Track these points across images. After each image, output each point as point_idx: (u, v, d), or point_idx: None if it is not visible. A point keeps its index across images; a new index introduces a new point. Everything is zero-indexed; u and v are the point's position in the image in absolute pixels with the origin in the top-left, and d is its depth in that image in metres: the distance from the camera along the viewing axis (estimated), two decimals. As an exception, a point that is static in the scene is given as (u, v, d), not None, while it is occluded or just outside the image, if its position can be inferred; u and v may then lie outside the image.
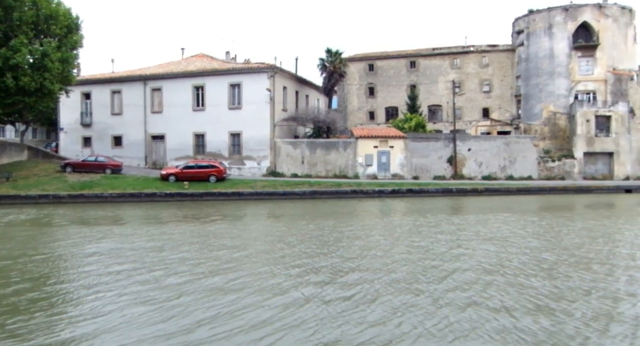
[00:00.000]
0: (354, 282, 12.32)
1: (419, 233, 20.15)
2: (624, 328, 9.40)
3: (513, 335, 8.97)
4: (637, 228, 22.33)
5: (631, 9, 53.76)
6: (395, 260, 14.90)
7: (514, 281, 12.48)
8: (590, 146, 48.68)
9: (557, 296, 11.24)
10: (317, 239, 18.53)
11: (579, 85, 52.32)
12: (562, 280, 12.70)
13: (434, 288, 11.85)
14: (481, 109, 58.84)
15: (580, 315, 10.02)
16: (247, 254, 15.93)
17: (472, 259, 15.02)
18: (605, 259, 15.15)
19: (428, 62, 60.48)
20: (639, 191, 42.58)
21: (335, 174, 44.35)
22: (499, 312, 10.15)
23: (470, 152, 46.93)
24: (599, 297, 11.25)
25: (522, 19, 56.40)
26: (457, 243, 17.77)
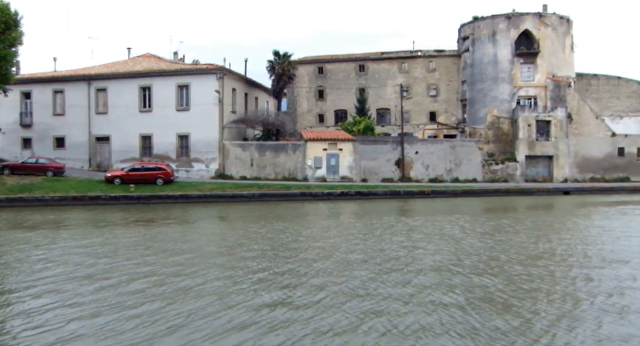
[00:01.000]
0: (318, 286, 12.21)
1: (373, 235, 20.34)
2: (584, 325, 9.75)
3: (483, 334, 9.15)
4: (576, 227, 23.31)
5: (569, 19, 56.05)
6: (354, 263, 14.99)
7: (476, 280, 12.78)
8: (531, 150, 50.41)
9: (516, 292, 11.59)
10: (273, 242, 18.44)
11: (521, 91, 54.10)
12: (516, 276, 13.10)
13: (398, 291, 11.90)
14: (428, 113, 60.04)
15: (542, 311, 10.35)
16: (203, 259, 15.66)
17: (431, 259, 15.33)
18: (555, 256, 15.74)
19: (377, 66, 61.27)
20: (577, 193, 44.35)
21: (285, 177, 44.32)
22: (465, 311, 10.37)
23: (418, 155, 47.80)
24: (555, 291, 11.67)
25: (467, 25, 57.89)
26: (413, 244, 18.06)
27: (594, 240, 19.52)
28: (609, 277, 13.30)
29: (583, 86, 57.80)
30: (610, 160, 52.52)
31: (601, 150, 52.57)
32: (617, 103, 58.32)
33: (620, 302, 11.10)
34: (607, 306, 10.83)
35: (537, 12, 54.79)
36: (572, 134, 51.55)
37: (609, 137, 52.92)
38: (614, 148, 52.80)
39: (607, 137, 52.87)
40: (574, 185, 47.34)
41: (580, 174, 51.63)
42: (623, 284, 12.60)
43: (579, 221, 26.39)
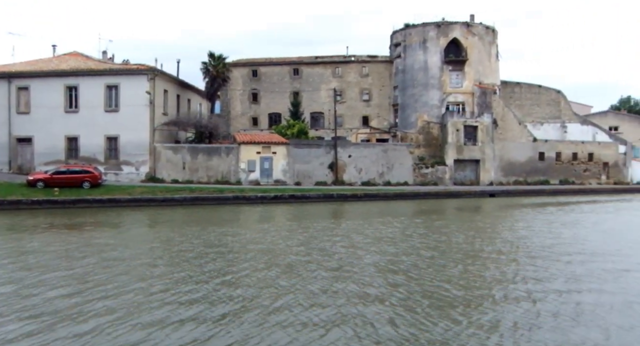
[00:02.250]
0: (261, 292, 12.09)
1: (310, 238, 20.41)
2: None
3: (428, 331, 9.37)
4: (502, 227, 24.35)
5: (494, 29, 58.50)
6: (294, 265, 14.99)
7: (416, 277, 13.06)
8: (459, 154, 52.15)
9: (454, 290, 11.93)
10: (208, 247, 18.12)
11: (450, 97, 55.92)
12: (452, 272, 13.49)
13: (342, 294, 11.98)
14: (361, 117, 60.99)
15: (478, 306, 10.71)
16: (137, 266, 15.18)
17: (371, 260, 15.56)
18: (491, 253, 16.33)
19: (311, 70, 61.65)
20: (502, 195, 46.23)
21: (218, 180, 43.79)
22: (411, 310, 10.57)
23: (351, 158, 48.43)
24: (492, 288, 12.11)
25: (399, 32, 59.30)
26: (352, 245, 18.26)
27: (519, 237, 20.49)
28: (530, 270, 13.99)
29: (507, 93, 60.41)
30: (532, 164, 55.14)
31: (524, 155, 55.10)
32: (538, 110, 61.33)
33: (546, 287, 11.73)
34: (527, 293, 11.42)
35: (465, 21, 56.88)
36: (498, 139, 53.73)
37: (530, 142, 55.54)
38: (535, 153, 55.48)
39: (529, 142, 55.47)
40: (499, 188, 49.37)
41: (505, 177, 53.88)
42: (540, 274, 13.29)
43: (504, 221, 27.58)
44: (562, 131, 60.71)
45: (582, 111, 73.14)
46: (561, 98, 62.46)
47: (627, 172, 60.00)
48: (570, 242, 19.84)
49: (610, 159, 58.51)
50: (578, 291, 12.38)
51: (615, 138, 61.44)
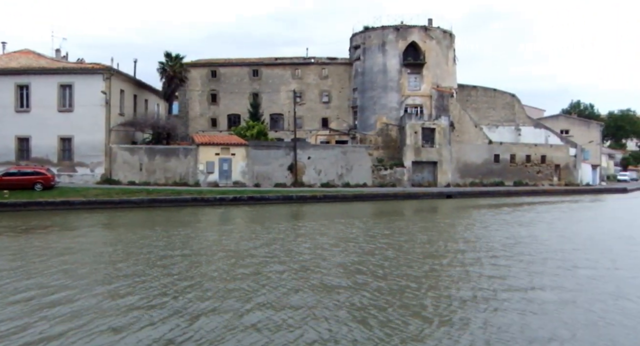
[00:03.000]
0: (229, 294, 11.92)
1: (272, 238, 20.31)
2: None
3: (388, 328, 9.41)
4: (462, 228, 24.81)
5: (451, 33, 59.57)
6: (260, 267, 14.86)
7: (380, 276, 13.14)
8: (417, 156, 52.86)
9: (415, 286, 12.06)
10: (171, 250, 17.82)
11: (408, 100, 56.63)
12: (419, 272, 13.63)
13: (312, 295, 11.93)
14: (321, 119, 61.15)
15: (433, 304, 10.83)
16: (98, 269, 14.81)
17: (337, 261, 15.58)
18: (455, 253, 16.59)
19: (270, 71, 61.47)
20: (458, 196, 47.06)
21: (176, 182, 43.21)
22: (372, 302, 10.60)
23: (310, 160, 48.51)
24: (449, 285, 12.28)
25: (359, 35, 59.73)
26: (317, 246, 18.25)
27: (479, 237, 20.91)
28: (489, 266, 14.30)
29: (464, 97, 61.55)
30: (487, 165, 56.38)
31: (480, 157, 56.29)
32: (494, 113, 62.72)
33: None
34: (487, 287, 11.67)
35: (423, 25, 57.72)
36: (454, 141, 54.70)
37: (486, 144, 56.79)
38: (490, 155, 56.75)
39: (485, 145, 56.70)
40: (456, 189, 50.25)
41: (462, 179, 54.90)
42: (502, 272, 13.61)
43: (463, 222, 28.13)
44: (516, 134, 62.26)
45: (535, 115, 75.26)
46: (515, 102, 64.03)
47: (577, 174, 62.00)
48: (529, 242, 20.44)
49: (562, 161, 60.34)
50: (541, 288, 12.70)
51: (566, 141, 63.39)
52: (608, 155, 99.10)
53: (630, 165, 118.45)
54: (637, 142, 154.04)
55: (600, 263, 16.04)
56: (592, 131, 76.63)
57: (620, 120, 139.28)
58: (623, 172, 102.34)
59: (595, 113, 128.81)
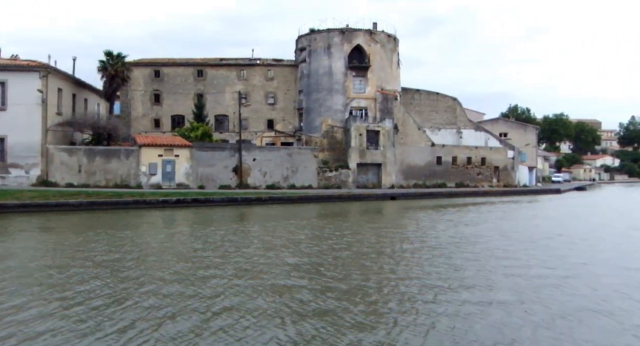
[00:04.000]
0: (184, 301, 11.64)
1: (218, 241, 20.04)
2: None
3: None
4: (410, 228, 25.26)
5: (395, 38, 60.66)
6: (210, 270, 14.61)
7: (332, 276, 13.16)
8: (362, 158, 53.49)
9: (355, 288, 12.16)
10: (112, 254, 17.29)
11: (353, 102, 57.25)
12: (374, 273, 13.74)
13: (267, 298, 11.79)
14: (266, 120, 61.00)
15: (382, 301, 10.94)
16: (33, 276, 14.18)
17: (289, 263, 15.49)
18: (409, 253, 16.82)
19: (215, 72, 60.85)
20: (402, 198, 47.86)
21: (117, 184, 42.10)
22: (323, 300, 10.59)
23: (255, 161, 48.29)
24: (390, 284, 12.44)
25: (304, 37, 59.94)
26: (266, 248, 18.12)
27: (427, 237, 21.34)
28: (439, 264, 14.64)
29: (408, 100, 62.75)
30: (430, 167, 57.67)
31: (423, 159, 57.52)
32: (436, 116, 64.22)
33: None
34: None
35: (368, 29, 58.52)
36: (398, 144, 55.67)
37: (429, 146, 58.08)
38: (433, 157, 58.09)
39: (427, 147, 57.98)
40: (399, 191, 51.11)
41: (405, 180, 55.93)
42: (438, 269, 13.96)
43: (410, 222, 28.70)
44: (457, 136, 63.93)
45: (476, 118, 77.49)
46: (457, 105, 65.76)
47: (515, 175, 64.27)
48: (475, 241, 21.03)
49: (501, 163, 62.42)
50: (492, 286, 13.01)
51: (504, 143, 65.59)
52: (543, 157, 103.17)
53: (564, 167, 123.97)
54: (569, 144, 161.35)
55: (539, 260, 16.67)
56: (529, 134, 79.57)
57: (554, 124, 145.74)
58: (557, 173, 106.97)
59: (532, 117, 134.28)
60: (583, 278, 13.95)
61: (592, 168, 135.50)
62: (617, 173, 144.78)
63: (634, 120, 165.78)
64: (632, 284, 13.36)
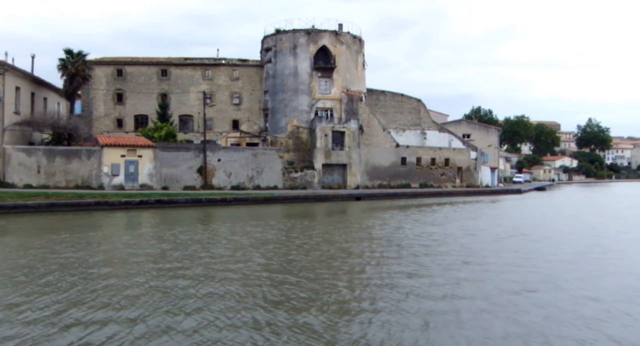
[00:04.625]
0: (153, 304, 11.45)
1: (184, 242, 19.81)
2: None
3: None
4: (377, 228, 25.46)
5: (361, 39, 61.05)
6: (176, 271, 14.43)
7: (298, 277, 13.14)
8: (327, 158, 53.67)
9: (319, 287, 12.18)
10: (67, 260, 16.91)
11: (318, 103, 57.38)
12: (342, 273, 13.77)
13: (235, 299, 11.69)
14: (231, 121, 60.61)
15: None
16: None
17: (257, 263, 15.40)
18: (361, 252, 16.92)
19: (180, 72, 60.17)
20: (367, 198, 48.21)
21: (78, 185, 41.25)
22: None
23: (220, 162, 47.96)
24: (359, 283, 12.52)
25: (270, 37, 59.78)
26: (234, 249, 18.00)
27: (394, 237, 21.56)
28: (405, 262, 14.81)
29: (373, 101, 63.25)
30: (395, 168, 58.24)
31: (387, 160, 58.05)
32: (401, 117, 64.91)
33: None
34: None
35: (334, 30, 58.73)
36: (364, 144, 56.06)
37: (394, 147, 58.65)
38: (398, 158, 58.69)
39: (392, 148, 58.54)
40: (364, 192, 51.46)
41: (370, 181, 56.35)
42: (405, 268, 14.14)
43: (377, 223, 28.92)
44: (422, 137, 64.74)
45: (440, 119, 78.53)
46: (421, 106, 66.58)
47: (478, 176, 65.43)
48: (443, 239, 21.44)
49: (464, 164, 63.46)
50: (457, 283, 13.28)
51: (467, 145, 66.70)
52: (505, 158, 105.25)
53: (525, 168, 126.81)
54: (530, 146, 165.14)
55: (505, 257, 17.05)
56: (491, 135, 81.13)
57: (515, 126, 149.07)
58: (518, 174, 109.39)
59: (494, 119, 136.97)
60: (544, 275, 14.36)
61: (551, 169, 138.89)
62: (575, 174, 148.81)
63: (591, 122, 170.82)
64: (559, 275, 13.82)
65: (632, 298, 12.07)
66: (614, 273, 15.03)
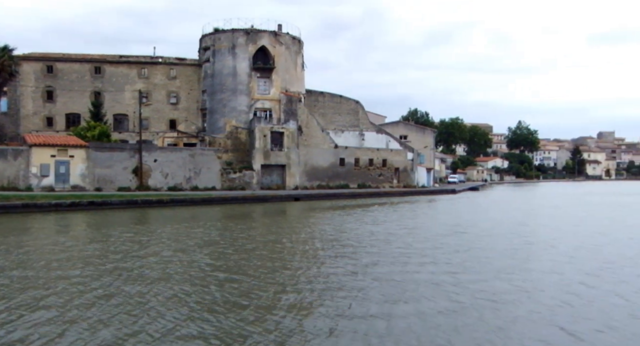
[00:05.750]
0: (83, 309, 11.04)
1: (120, 245, 19.28)
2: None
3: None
4: (317, 229, 25.59)
5: (300, 40, 61.27)
6: (116, 274, 13.99)
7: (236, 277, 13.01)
8: (266, 159, 53.56)
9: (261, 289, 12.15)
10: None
11: (257, 103, 57.18)
12: (285, 273, 13.73)
13: (180, 303, 11.46)
14: (168, 121, 59.45)
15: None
16: None
17: (198, 265, 15.13)
18: (303, 253, 16.97)
19: (114, 69, 58.47)
20: (306, 199, 48.42)
21: (4, 186, 39.40)
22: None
23: (157, 163, 47.00)
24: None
25: (208, 36, 59.05)
26: (174, 250, 17.63)
27: (334, 237, 21.78)
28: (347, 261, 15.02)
29: (312, 102, 63.61)
30: (333, 169, 58.79)
31: (326, 160, 58.53)
32: (340, 118, 65.60)
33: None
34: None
35: (273, 30, 58.66)
36: (302, 145, 56.30)
37: (332, 148, 59.20)
38: (336, 159, 59.28)
39: (331, 149, 59.07)
40: (303, 192, 51.67)
41: (309, 182, 56.64)
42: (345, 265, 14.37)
43: (316, 223, 29.14)
44: (360, 138, 65.64)
45: (378, 120, 79.91)
46: (360, 108, 67.50)
47: (414, 176, 67.01)
48: (388, 238, 21.89)
49: (401, 165, 64.82)
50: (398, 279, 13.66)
51: (404, 146, 68.16)
52: (440, 159, 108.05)
53: (459, 169, 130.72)
54: (464, 147, 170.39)
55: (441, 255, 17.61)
56: (427, 137, 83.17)
57: (450, 128, 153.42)
58: (453, 174, 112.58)
59: (430, 121, 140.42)
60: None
61: (484, 170, 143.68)
62: (507, 174, 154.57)
63: (520, 125, 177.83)
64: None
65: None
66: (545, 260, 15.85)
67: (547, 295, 12.44)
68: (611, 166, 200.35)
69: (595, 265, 16.31)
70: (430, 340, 9.22)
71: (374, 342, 9.09)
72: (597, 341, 9.27)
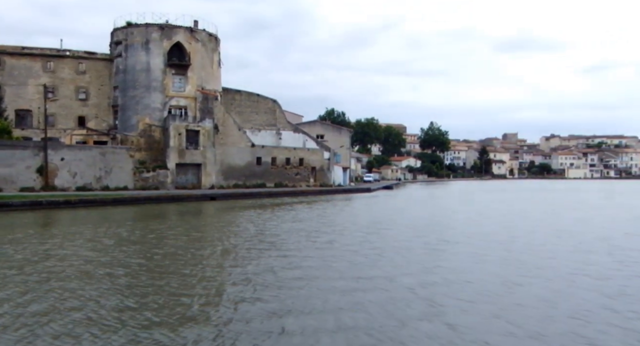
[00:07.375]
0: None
1: (16, 252, 18.16)
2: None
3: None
4: (234, 228, 25.27)
5: (217, 37, 60.39)
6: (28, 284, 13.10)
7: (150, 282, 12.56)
8: (181, 158, 52.45)
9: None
10: None
11: (172, 101, 55.78)
12: (211, 275, 13.39)
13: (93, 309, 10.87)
14: (77, 117, 56.72)
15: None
16: None
17: (91, 270, 14.47)
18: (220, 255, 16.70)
19: (16, 62, 55.02)
20: (222, 198, 47.84)
21: None
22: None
23: (64, 161, 44.82)
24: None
25: (120, 30, 56.89)
26: (80, 254, 16.79)
27: (253, 236, 21.65)
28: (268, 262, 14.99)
29: (228, 100, 62.91)
30: (250, 168, 58.51)
31: (243, 159, 58.16)
32: (257, 117, 65.33)
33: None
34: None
35: (189, 26, 57.40)
36: (219, 144, 55.59)
37: (249, 147, 58.89)
38: (253, 158, 59.05)
39: (248, 148, 58.74)
40: (220, 192, 51.05)
41: (226, 181, 56.04)
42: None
43: (233, 222, 28.90)
44: (277, 138, 65.69)
45: (295, 120, 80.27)
46: (277, 107, 67.52)
47: (331, 175, 67.94)
48: (307, 236, 22.25)
49: (317, 164, 65.49)
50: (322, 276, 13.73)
51: (321, 145, 68.93)
52: (356, 158, 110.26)
53: (374, 168, 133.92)
54: (379, 147, 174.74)
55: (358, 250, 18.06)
56: (343, 136, 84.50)
57: (366, 128, 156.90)
58: (368, 173, 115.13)
59: (347, 121, 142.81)
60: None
61: (398, 169, 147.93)
62: (419, 173, 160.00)
63: (432, 125, 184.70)
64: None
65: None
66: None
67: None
68: (514, 166, 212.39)
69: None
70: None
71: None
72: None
